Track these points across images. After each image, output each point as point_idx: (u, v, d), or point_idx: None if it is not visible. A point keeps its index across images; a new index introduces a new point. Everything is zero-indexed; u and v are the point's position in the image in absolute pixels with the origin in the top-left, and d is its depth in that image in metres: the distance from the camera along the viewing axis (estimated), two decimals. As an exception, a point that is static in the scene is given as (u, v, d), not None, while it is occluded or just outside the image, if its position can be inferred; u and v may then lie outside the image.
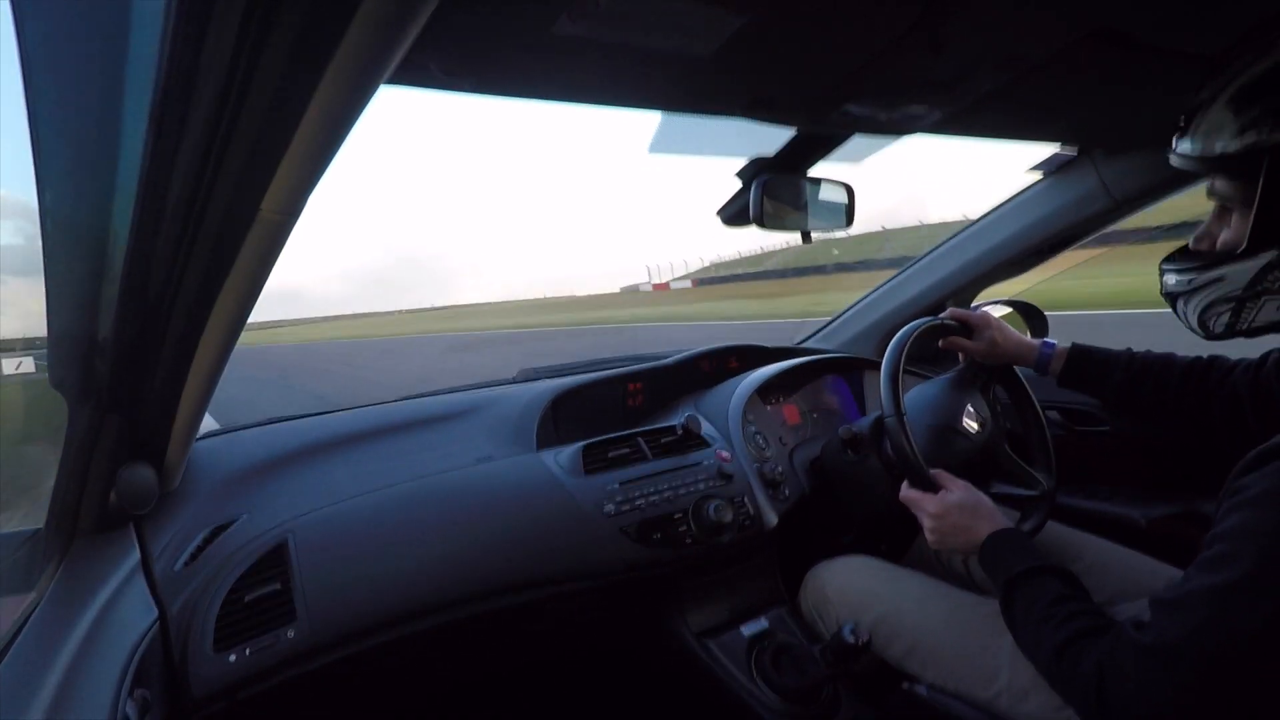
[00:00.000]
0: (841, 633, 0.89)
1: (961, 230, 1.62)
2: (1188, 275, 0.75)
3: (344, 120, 0.48)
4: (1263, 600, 0.55)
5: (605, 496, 1.07)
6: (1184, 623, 0.59)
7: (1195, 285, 0.74)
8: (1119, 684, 0.62)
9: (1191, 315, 0.76)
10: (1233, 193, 0.70)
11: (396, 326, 43.94)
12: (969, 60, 0.77)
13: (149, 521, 0.91)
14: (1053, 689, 0.73)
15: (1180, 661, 0.58)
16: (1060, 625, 0.71)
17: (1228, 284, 0.70)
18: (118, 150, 0.52)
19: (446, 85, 0.65)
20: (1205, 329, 0.76)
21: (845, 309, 1.86)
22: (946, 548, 0.94)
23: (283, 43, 0.40)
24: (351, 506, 0.99)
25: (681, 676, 1.12)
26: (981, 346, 1.12)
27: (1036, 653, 0.74)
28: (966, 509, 0.91)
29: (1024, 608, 0.77)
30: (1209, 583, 0.58)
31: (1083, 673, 0.65)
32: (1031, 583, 0.78)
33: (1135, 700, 0.60)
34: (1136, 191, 1.29)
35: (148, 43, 0.41)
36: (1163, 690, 0.59)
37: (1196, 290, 0.74)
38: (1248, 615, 0.55)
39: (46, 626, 0.67)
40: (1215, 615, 0.57)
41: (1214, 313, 0.73)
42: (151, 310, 0.64)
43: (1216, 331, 0.74)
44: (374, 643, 0.87)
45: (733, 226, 1.19)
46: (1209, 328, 0.75)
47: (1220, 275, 0.71)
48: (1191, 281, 0.74)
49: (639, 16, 0.58)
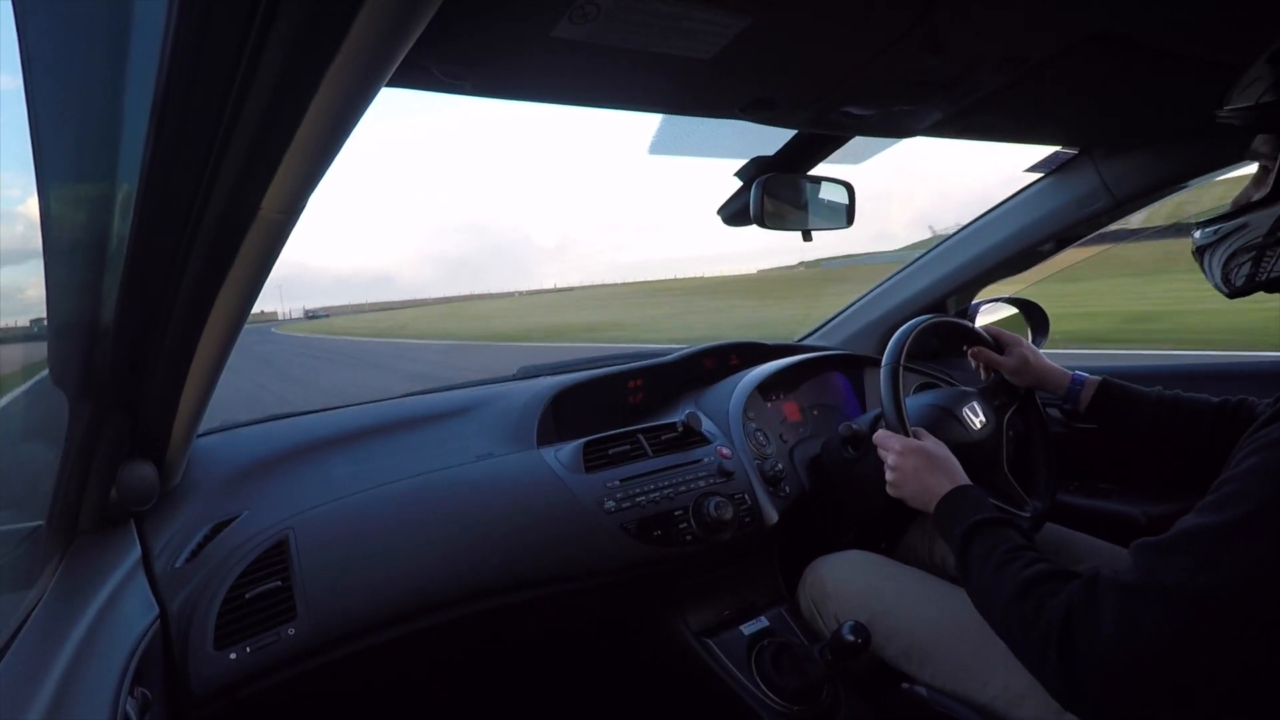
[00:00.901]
0: (841, 631, 0.89)
1: (962, 228, 1.62)
2: (1214, 226, 0.75)
3: (344, 121, 0.47)
4: (1272, 534, 0.54)
5: (606, 494, 1.07)
6: (1178, 563, 0.57)
7: (1220, 234, 0.74)
8: (1090, 625, 0.59)
9: (1216, 268, 0.76)
10: (1270, 149, 0.71)
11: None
12: (969, 62, 0.76)
13: (150, 519, 0.91)
14: (1006, 638, 0.70)
15: (1170, 600, 0.56)
16: (1024, 568, 0.69)
17: (1250, 231, 0.71)
18: (118, 148, 0.52)
19: (447, 87, 0.65)
20: (1228, 282, 0.75)
21: (846, 306, 1.86)
22: (903, 494, 0.91)
23: (284, 43, 0.40)
24: (352, 503, 0.99)
25: (681, 676, 1.12)
26: (1012, 363, 1.11)
27: (993, 597, 0.71)
28: (935, 460, 0.89)
29: (982, 553, 0.75)
30: (1213, 521, 0.57)
31: (1047, 616, 0.63)
32: (993, 530, 0.76)
33: (1110, 644, 0.58)
34: (1137, 190, 1.29)
35: (150, 39, 0.41)
36: (1143, 633, 0.56)
37: (1222, 240, 0.74)
38: (1255, 549, 0.54)
39: (47, 624, 0.67)
40: (1216, 552, 0.56)
41: (1236, 263, 0.73)
42: (152, 307, 0.64)
43: (1238, 284, 0.74)
44: (374, 640, 0.87)
45: (733, 226, 1.19)
46: (1231, 281, 0.75)
47: (1244, 223, 0.72)
48: (1217, 231, 0.75)
49: (640, 20, 0.58)
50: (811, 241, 1.23)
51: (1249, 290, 0.74)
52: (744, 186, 1.15)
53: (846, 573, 1.07)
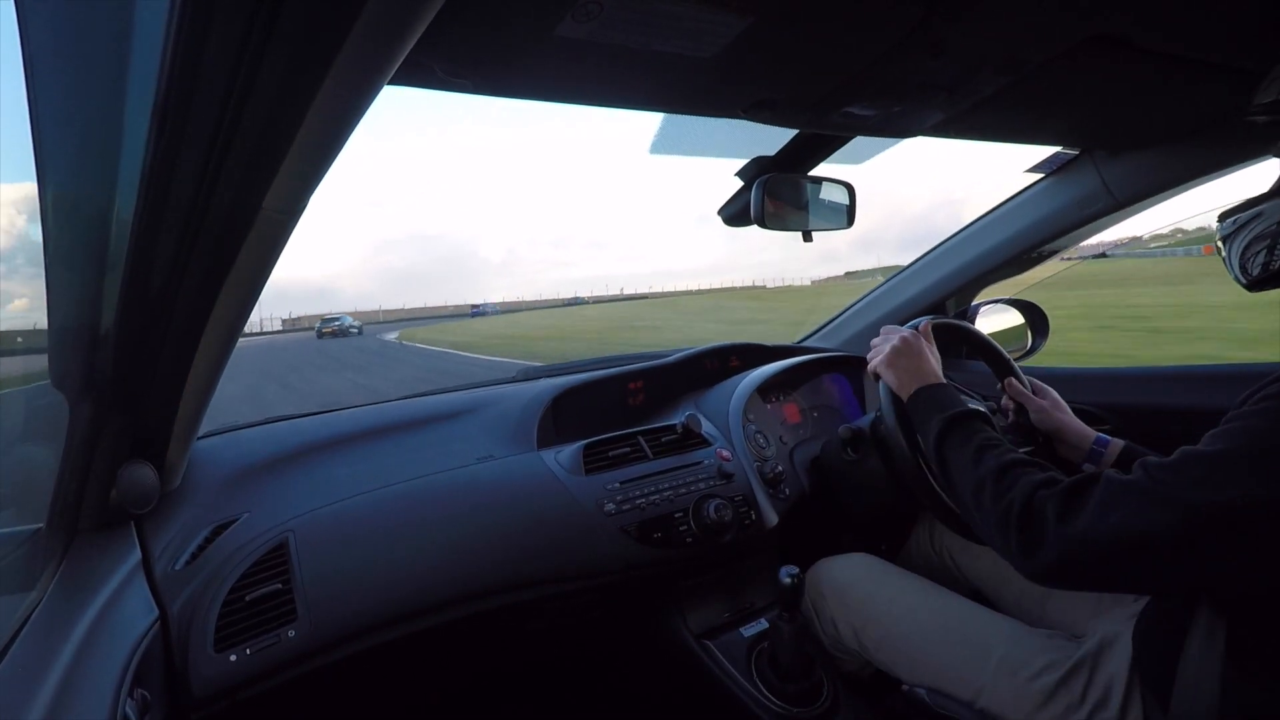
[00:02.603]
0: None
1: (963, 229, 1.62)
2: (1232, 217, 0.76)
3: (346, 119, 0.47)
4: (1271, 471, 0.55)
5: (606, 496, 1.07)
6: (1177, 477, 0.60)
7: (1239, 224, 0.75)
8: (1068, 498, 0.64)
9: (1235, 259, 0.77)
10: None
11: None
12: (970, 64, 0.77)
13: (150, 521, 0.91)
14: (975, 511, 0.75)
15: (1157, 501, 0.59)
16: (1005, 453, 0.74)
17: (1264, 219, 0.72)
18: (119, 147, 0.52)
19: (448, 85, 0.65)
20: (1245, 273, 0.76)
21: (846, 307, 1.86)
22: (888, 374, 0.98)
23: (286, 42, 0.40)
24: (352, 505, 0.99)
25: (681, 677, 1.12)
26: (1043, 402, 1.10)
27: (968, 475, 0.76)
28: (930, 361, 0.96)
29: (963, 437, 0.80)
30: (1217, 449, 0.59)
31: (1023, 485, 0.69)
32: (973, 422, 0.82)
33: (1083, 518, 0.62)
34: (1138, 191, 1.29)
35: (152, 38, 0.41)
36: (1117, 516, 0.60)
37: (1239, 230, 0.75)
38: (1249, 483, 0.56)
39: (47, 626, 0.67)
40: (1217, 475, 0.58)
41: (1252, 252, 0.74)
42: (153, 308, 0.64)
43: (1254, 273, 0.74)
44: (374, 642, 0.87)
45: (733, 226, 1.19)
46: (1248, 270, 0.75)
47: (1259, 211, 0.73)
48: (1235, 221, 0.75)
49: (642, 20, 0.58)
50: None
51: (1265, 280, 0.74)
52: (745, 186, 1.15)
53: (844, 577, 1.08)
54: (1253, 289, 0.75)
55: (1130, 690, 0.76)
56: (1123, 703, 0.76)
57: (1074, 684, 0.79)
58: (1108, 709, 0.76)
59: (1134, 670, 0.77)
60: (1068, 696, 0.78)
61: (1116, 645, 0.80)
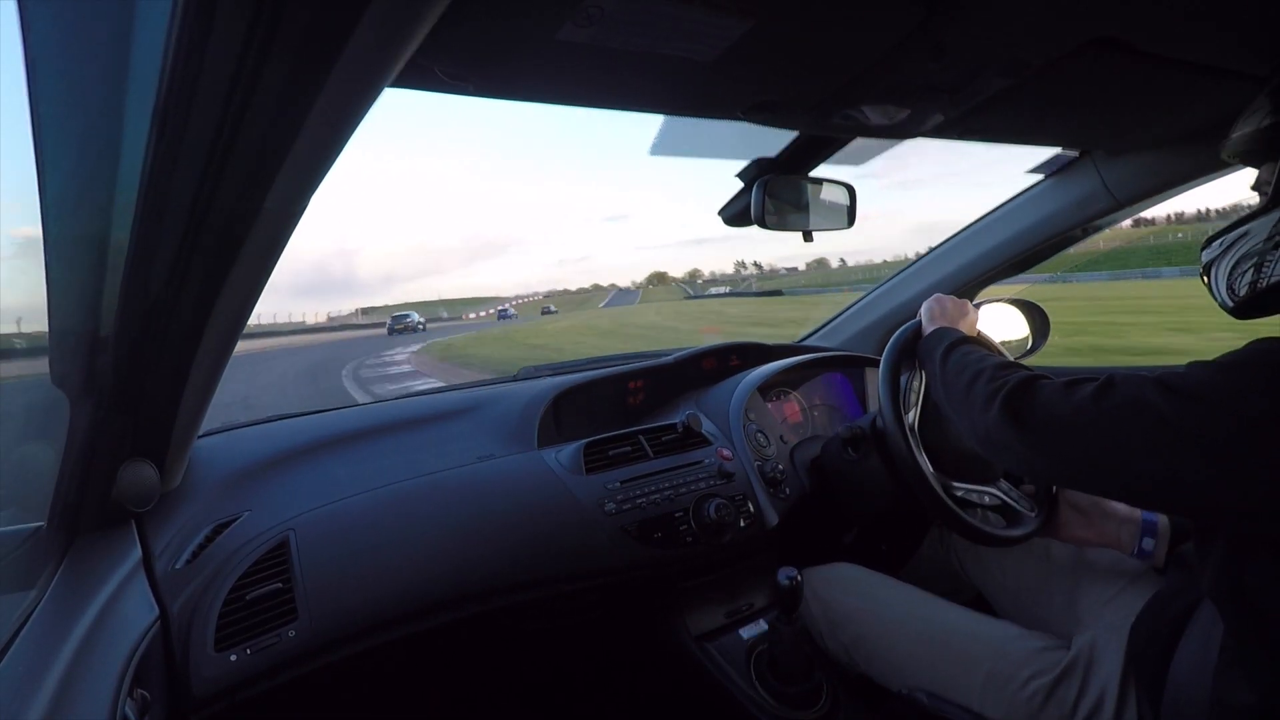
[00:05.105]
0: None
1: (963, 229, 1.62)
2: (1218, 239, 0.76)
3: (347, 122, 0.47)
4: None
5: (606, 495, 1.07)
6: (1186, 402, 0.59)
7: (1224, 246, 0.75)
8: (1059, 389, 0.67)
9: (1221, 283, 0.76)
10: (1268, 174, 0.72)
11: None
12: (971, 66, 0.76)
13: (150, 519, 0.91)
14: (962, 406, 0.79)
15: (1156, 416, 0.59)
16: (1003, 364, 0.79)
17: (1250, 238, 0.72)
18: (120, 147, 0.52)
19: (448, 88, 0.65)
20: (1232, 294, 0.75)
21: (847, 307, 1.86)
22: (933, 305, 1.02)
23: (288, 44, 0.40)
24: (353, 504, 0.99)
25: (680, 679, 1.12)
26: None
27: (961, 375, 0.81)
28: (971, 323, 1.01)
29: (965, 352, 0.86)
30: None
31: (1019, 373, 0.73)
32: (978, 346, 0.89)
33: (1070, 404, 0.65)
34: (1138, 192, 1.29)
35: (153, 39, 0.40)
36: (1108, 409, 0.62)
37: (1225, 252, 0.75)
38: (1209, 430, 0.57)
39: (47, 625, 0.67)
40: (1226, 403, 0.57)
41: (1239, 273, 0.73)
42: (154, 307, 0.64)
43: (1241, 294, 0.73)
44: (375, 642, 0.87)
45: (734, 226, 1.19)
46: (1235, 292, 0.74)
47: (1244, 231, 0.73)
48: (1221, 243, 0.75)
49: (643, 23, 0.58)
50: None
51: (1252, 304, 0.72)
52: (745, 187, 1.15)
53: (828, 590, 1.07)
54: (1240, 314, 0.74)
55: (1124, 693, 0.76)
56: (1117, 706, 0.76)
57: (1065, 692, 0.79)
58: (1102, 713, 0.77)
59: (1128, 671, 0.77)
60: (1059, 707, 0.79)
61: (1110, 646, 0.80)
